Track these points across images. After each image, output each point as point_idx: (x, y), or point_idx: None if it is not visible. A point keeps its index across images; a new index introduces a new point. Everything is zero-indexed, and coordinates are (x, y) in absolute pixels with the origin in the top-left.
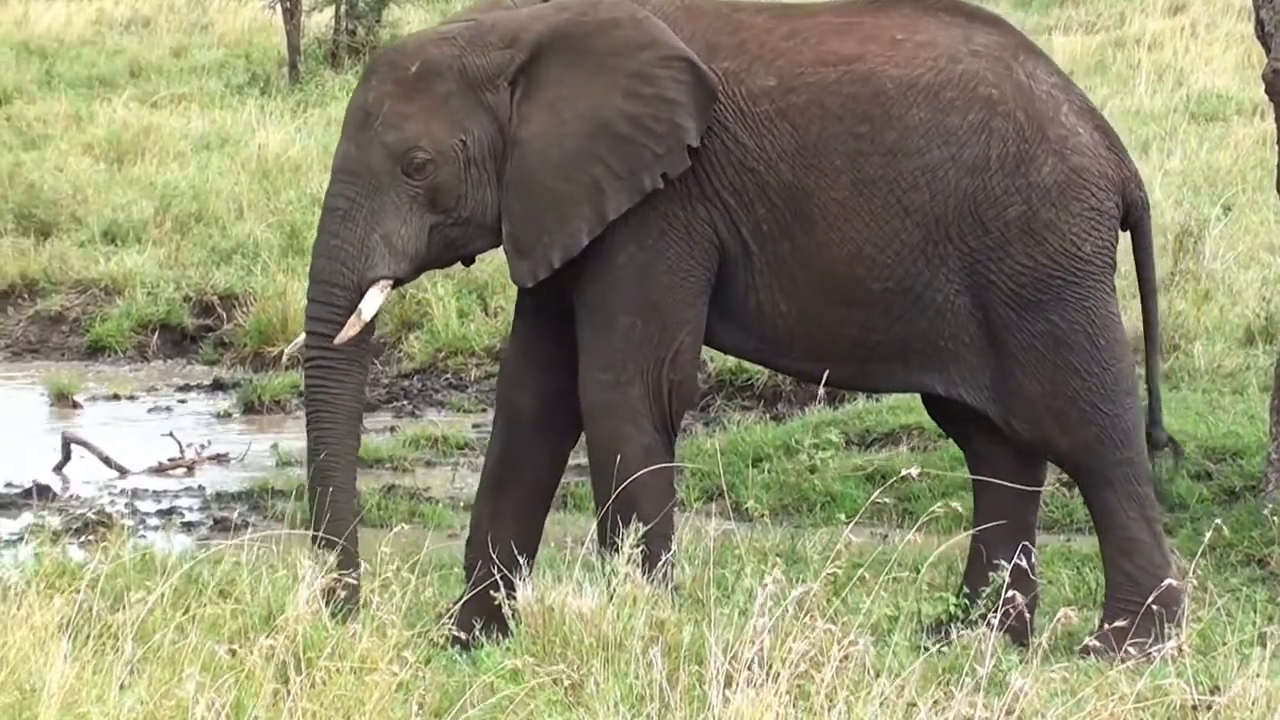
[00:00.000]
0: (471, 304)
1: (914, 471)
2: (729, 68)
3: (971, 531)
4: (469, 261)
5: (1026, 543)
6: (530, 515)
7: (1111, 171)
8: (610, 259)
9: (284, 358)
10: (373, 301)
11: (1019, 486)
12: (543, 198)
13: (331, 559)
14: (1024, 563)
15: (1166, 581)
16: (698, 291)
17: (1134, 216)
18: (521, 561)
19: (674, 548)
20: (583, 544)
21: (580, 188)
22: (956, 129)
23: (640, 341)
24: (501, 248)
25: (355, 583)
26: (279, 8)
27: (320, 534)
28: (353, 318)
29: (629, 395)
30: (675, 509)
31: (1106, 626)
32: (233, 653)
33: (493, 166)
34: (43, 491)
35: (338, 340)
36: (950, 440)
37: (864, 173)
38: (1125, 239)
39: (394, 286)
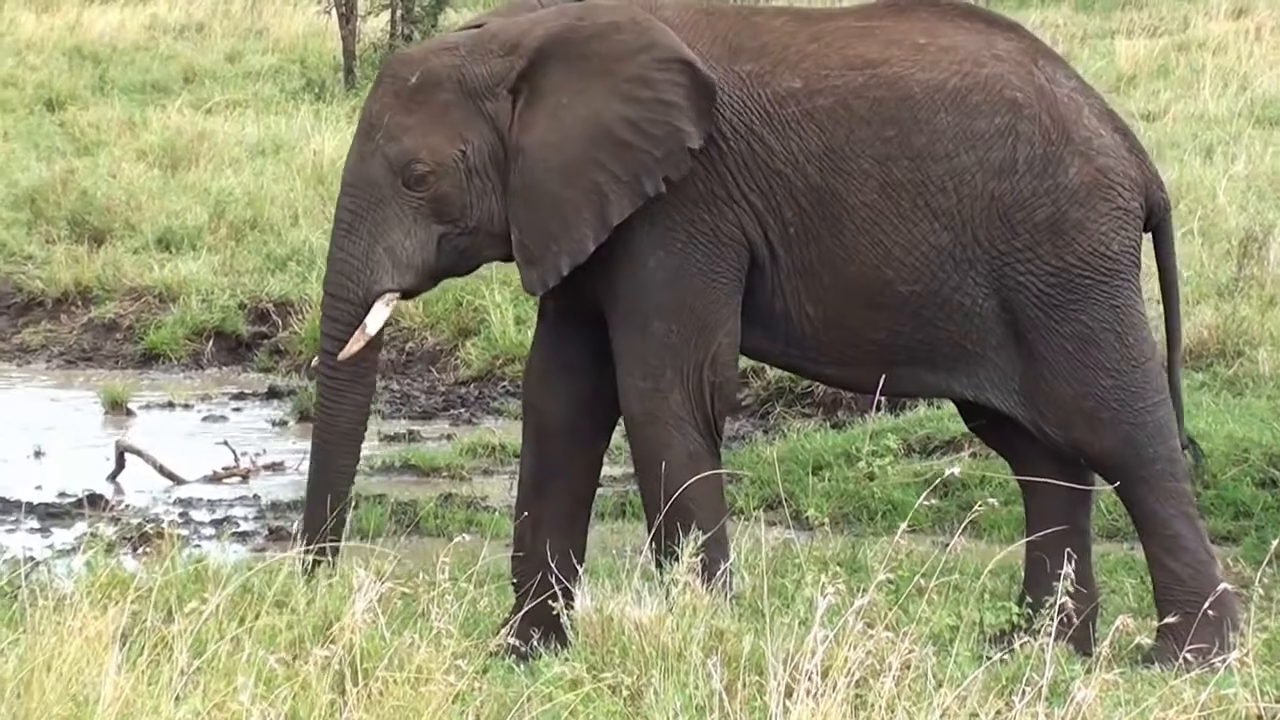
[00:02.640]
0: (528, 311)
1: (955, 470)
2: (753, 70)
3: (1026, 540)
4: (472, 270)
5: (1081, 548)
6: (573, 520)
7: (1135, 173)
8: (639, 266)
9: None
10: (378, 316)
11: (1067, 485)
12: (547, 205)
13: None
14: (1080, 570)
15: (1221, 586)
16: (730, 293)
17: (1156, 218)
18: (574, 569)
19: (731, 554)
20: (640, 553)
21: (583, 193)
22: (984, 133)
23: (677, 346)
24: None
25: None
26: (334, 13)
27: (307, 543)
28: (357, 333)
29: (670, 401)
30: (727, 513)
31: (1162, 627)
32: (288, 663)
33: (496, 175)
34: (96, 501)
35: (341, 356)
36: None
37: (892, 176)
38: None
39: (404, 298)
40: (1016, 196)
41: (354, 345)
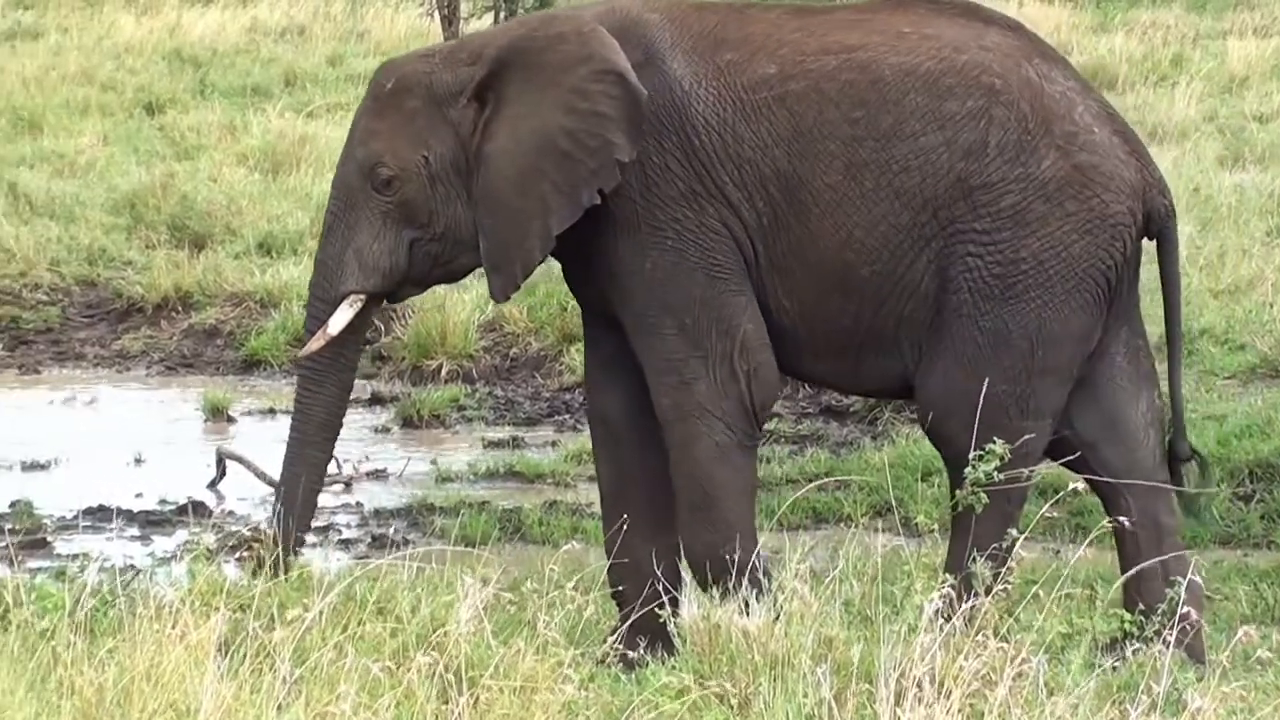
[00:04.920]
0: None
1: (1080, 485)
2: (732, 59)
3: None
4: (458, 276)
5: (1172, 547)
6: (661, 520)
7: (1129, 175)
8: (636, 271)
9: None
10: (340, 317)
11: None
12: (504, 213)
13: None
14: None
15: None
16: (738, 282)
17: (1156, 224)
18: (676, 570)
19: (758, 547)
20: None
21: (533, 203)
22: (954, 114)
23: (696, 339)
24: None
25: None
26: (436, 15)
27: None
28: (319, 331)
29: (695, 392)
30: (754, 507)
31: None
32: (392, 671)
33: (459, 182)
34: (197, 508)
35: (301, 354)
36: None
37: (857, 157)
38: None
39: (380, 302)
40: (984, 179)
41: (314, 344)
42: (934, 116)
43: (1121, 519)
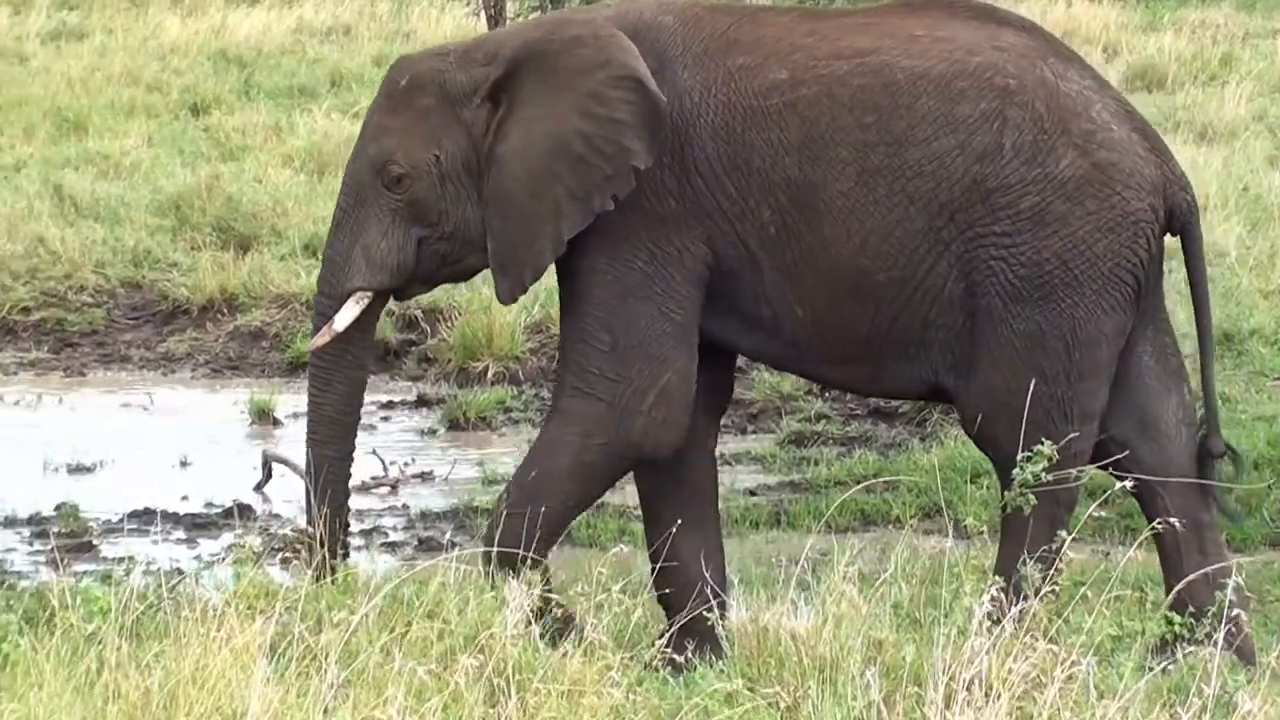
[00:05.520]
0: None
1: (1128, 484)
2: (744, 63)
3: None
4: (466, 276)
5: (1213, 544)
6: (704, 521)
7: (1149, 172)
8: (596, 279)
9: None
10: (347, 313)
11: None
12: (515, 215)
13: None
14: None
15: None
16: (682, 328)
17: (1179, 221)
18: (721, 572)
19: (539, 575)
20: (796, 563)
21: (546, 206)
22: (967, 117)
23: (620, 363)
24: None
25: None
26: (483, 14)
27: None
28: (325, 327)
29: (594, 409)
30: (563, 532)
31: None
32: (439, 675)
33: (470, 182)
34: (243, 511)
35: (309, 348)
36: None
37: (870, 163)
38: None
39: (387, 300)
40: (1001, 181)
41: (319, 340)
42: (946, 120)
43: (1171, 519)
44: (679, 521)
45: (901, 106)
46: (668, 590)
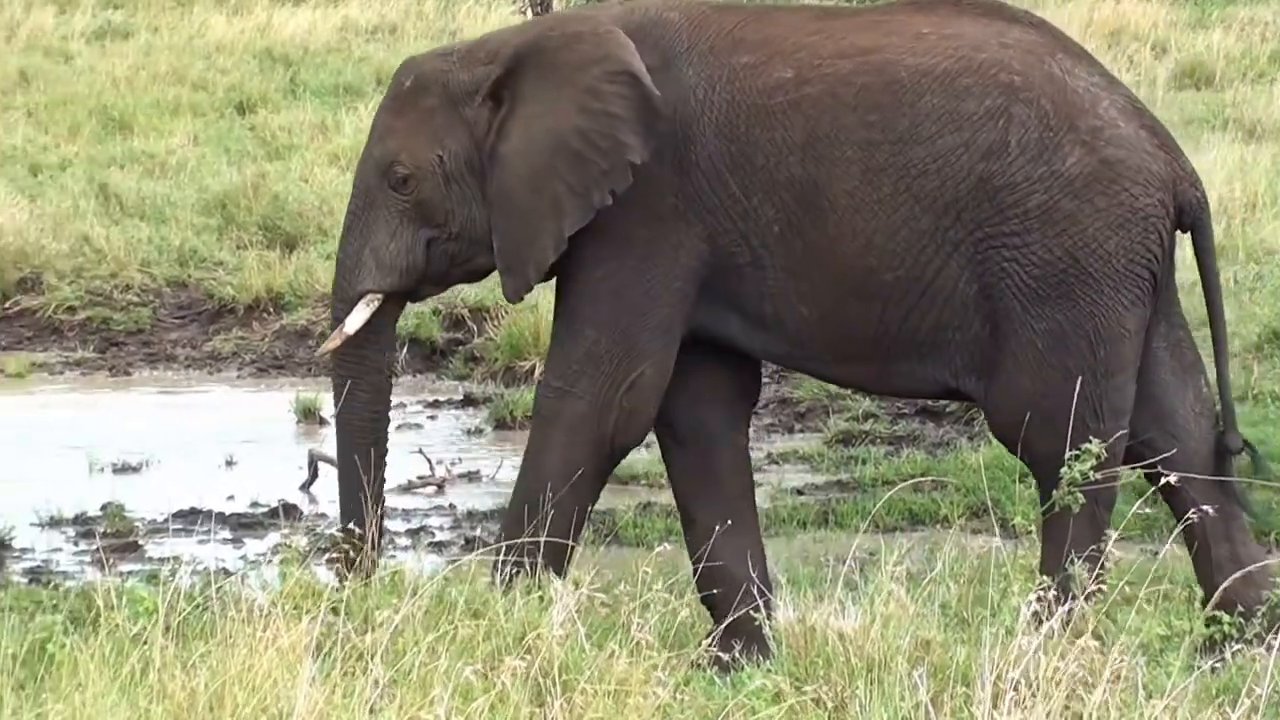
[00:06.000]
0: None
1: (1173, 478)
2: (749, 61)
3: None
4: (479, 276)
5: (1240, 533)
6: (742, 520)
7: (1157, 168)
8: (588, 272)
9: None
10: (357, 316)
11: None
12: (517, 214)
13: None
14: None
15: None
16: (665, 324)
17: (1190, 217)
18: (764, 570)
19: (557, 576)
20: (844, 562)
21: (547, 203)
22: (972, 114)
23: (600, 359)
24: None
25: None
26: (529, 12)
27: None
28: (336, 331)
29: (575, 408)
30: (578, 534)
31: None
32: (485, 675)
33: (474, 182)
34: (289, 511)
35: (319, 352)
36: None
37: (874, 161)
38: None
39: (401, 302)
40: (1007, 179)
41: (330, 343)
42: (951, 118)
43: (1205, 507)
44: (719, 522)
45: (905, 104)
46: (713, 591)
